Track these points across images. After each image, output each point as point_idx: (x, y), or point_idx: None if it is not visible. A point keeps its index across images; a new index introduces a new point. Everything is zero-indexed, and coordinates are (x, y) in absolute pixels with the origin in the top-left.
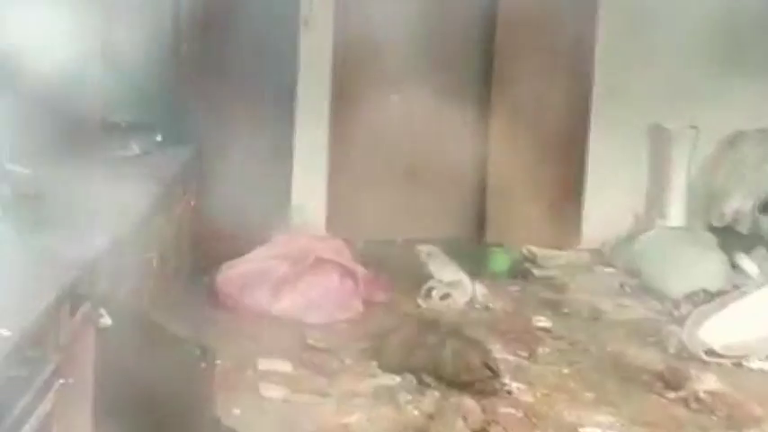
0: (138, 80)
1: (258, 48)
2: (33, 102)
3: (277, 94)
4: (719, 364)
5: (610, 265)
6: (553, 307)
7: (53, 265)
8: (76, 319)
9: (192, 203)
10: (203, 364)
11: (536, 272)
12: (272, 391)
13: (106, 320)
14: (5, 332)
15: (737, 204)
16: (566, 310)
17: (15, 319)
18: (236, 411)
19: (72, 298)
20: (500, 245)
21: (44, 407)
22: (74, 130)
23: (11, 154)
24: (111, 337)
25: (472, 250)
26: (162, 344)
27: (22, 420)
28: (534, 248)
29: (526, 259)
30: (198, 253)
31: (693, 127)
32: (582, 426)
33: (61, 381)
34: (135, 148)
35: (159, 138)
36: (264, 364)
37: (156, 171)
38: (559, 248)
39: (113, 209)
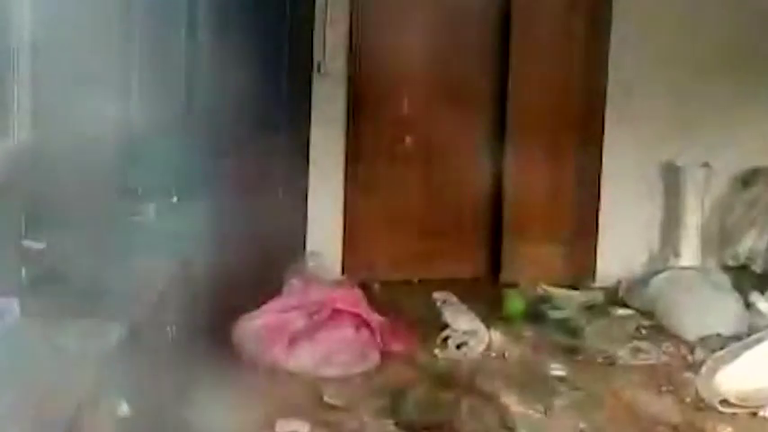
0: (152, 142)
1: (272, 95)
2: (49, 172)
3: (291, 140)
4: (735, 414)
5: (625, 305)
6: (569, 353)
7: (72, 364)
8: (96, 418)
9: (209, 260)
10: None
11: (551, 314)
12: None
13: (124, 409)
14: None
15: (751, 244)
16: (581, 357)
17: None
18: None
19: (92, 399)
20: (515, 284)
21: None
22: (89, 197)
23: (26, 228)
24: (131, 426)
25: (488, 292)
26: None
27: None
28: (549, 288)
29: (541, 300)
30: (214, 305)
31: (706, 165)
32: None
33: None
34: (151, 212)
35: (175, 199)
36: (282, 426)
37: (172, 235)
38: (574, 286)
39: (131, 287)
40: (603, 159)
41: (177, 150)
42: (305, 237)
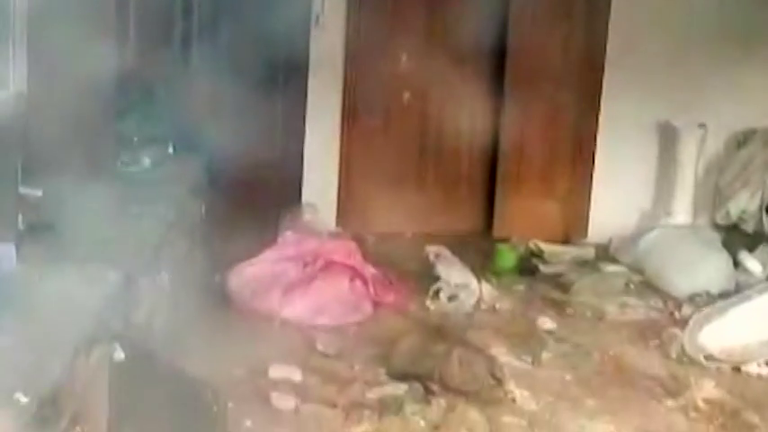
0: (148, 91)
1: (269, 48)
2: (45, 120)
3: (287, 92)
4: (719, 369)
5: (615, 261)
6: (558, 307)
7: (68, 309)
8: (91, 362)
9: (204, 209)
10: (215, 408)
11: (542, 268)
12: (283, 402)
13: (120, 354)
14: (23, 398)
15: (743, 204)
16: (570, 311)
17: (33, 381)
18: (248, 423)
19: (88, 344)
20: (508, 239)
21: None
22: (85, 146)
23: (23, 175)
24: (125, 371)
25: (481, 246)
26: (174, 386)
27: None
28: (541, 244)
29: (533, 255)
30: (210, 253)
31: (702, 125)
32: None
33: (77, 429)
34: (147, 162)
35: (171, 149)
36: (275, 372)
37: (168, 184)
38: (566, 242)
39: (127, 235)
40: (600, 117)
41: (174, 100)
42: (300, 188)
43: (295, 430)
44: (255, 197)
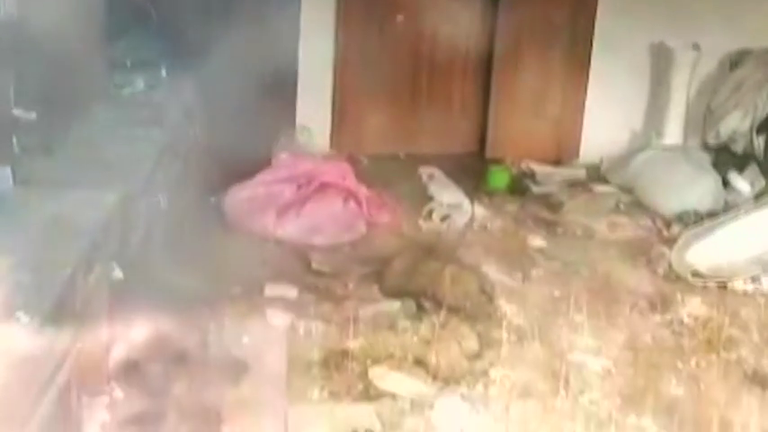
0: (140, 15)
1: None
2: (36, 43)
3: (281, 14)
4: (705, 286)
5: (606, 181)
6: (548, 226)
7: (66, 230)
8: (90, 281)
9: (198, 132)
10: (212, 325)
11: (534, 189)
12: (279, 318)
13: (118, 273)
14: (24, 317)
15: (734, 124)
16: (560, 230)
17: (33, 300)
18: (245, 339)
19: (86, 263)
20: (500, 159)
21: (63, 375)
22: (78, 69)
23: (16, 97)
24: (124, 289)
25: (474, 167)
26: (171, 304)
27: (41, 396)
28: (533, 164)
29: (525, 175)
30: (205, 175)
31: (696, 46)
32: (571, 351)
33: (78, 345)
34: (140, 85)
35: (164, 72)
36: (271, 290)
37: (161, 107)
38: (558, 163)
39: (122, 157)
40: (594, 37)
41: (166, 22)
42: (294, 111)
43: (291, 346)
44: (249, 119)
